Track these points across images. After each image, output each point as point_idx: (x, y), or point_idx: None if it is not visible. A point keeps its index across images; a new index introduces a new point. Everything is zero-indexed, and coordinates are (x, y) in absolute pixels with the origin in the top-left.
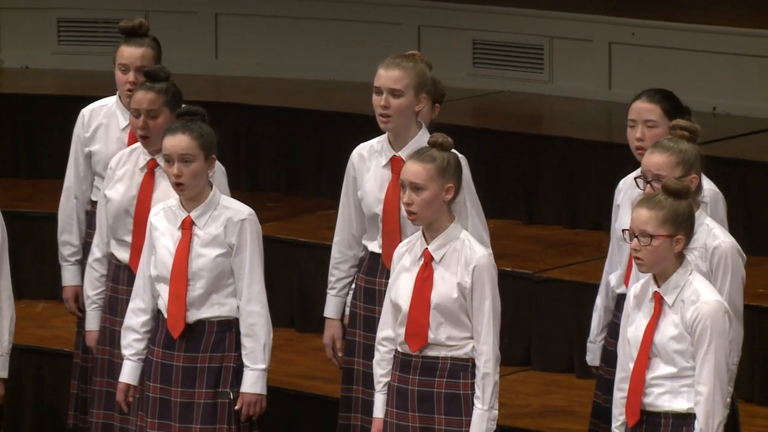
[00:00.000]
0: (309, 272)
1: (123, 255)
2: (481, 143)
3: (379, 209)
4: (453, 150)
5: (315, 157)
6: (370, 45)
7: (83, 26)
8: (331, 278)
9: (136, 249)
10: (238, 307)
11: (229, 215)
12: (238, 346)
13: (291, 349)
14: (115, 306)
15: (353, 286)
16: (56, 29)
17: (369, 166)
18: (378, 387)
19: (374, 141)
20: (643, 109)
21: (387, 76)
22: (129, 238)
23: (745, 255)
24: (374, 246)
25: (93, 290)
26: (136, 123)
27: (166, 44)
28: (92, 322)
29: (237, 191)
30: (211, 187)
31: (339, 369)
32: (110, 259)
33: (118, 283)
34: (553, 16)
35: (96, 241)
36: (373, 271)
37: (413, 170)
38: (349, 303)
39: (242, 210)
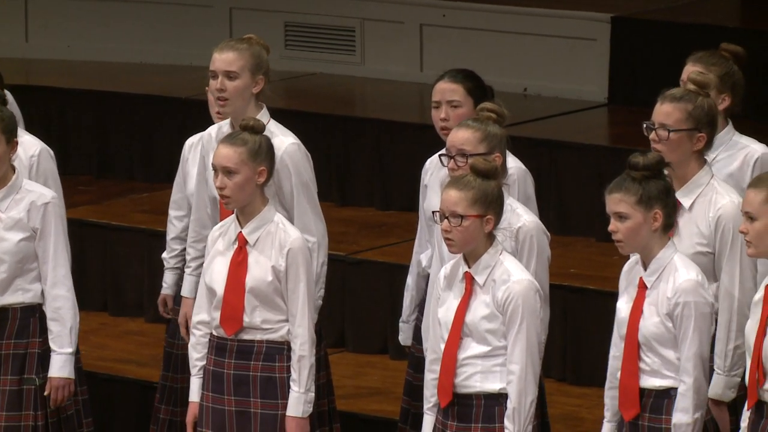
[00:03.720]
0: (122, 256)
1: None
2: (293, 126)
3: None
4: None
5: (127, 140)
6: (182, 28)
7: None
8: (186, 257)
9: None
10: (42, 292)
11: (32, 199)
12: (43, 330)
13: (104, 333)
14: None
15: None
16: None
17: (214, 147)
18: (194, 371)
19: (222, 123)
20: (447, 89)
21: (221, 59)
22: None
23: (549, 234)
24: None
25: None
26: None
27: None
28: None
29: None
30: (14, 171)
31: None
32: None
33: None
34: None
35: None
36: None
37: (224, 154)
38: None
39: (45, 193)
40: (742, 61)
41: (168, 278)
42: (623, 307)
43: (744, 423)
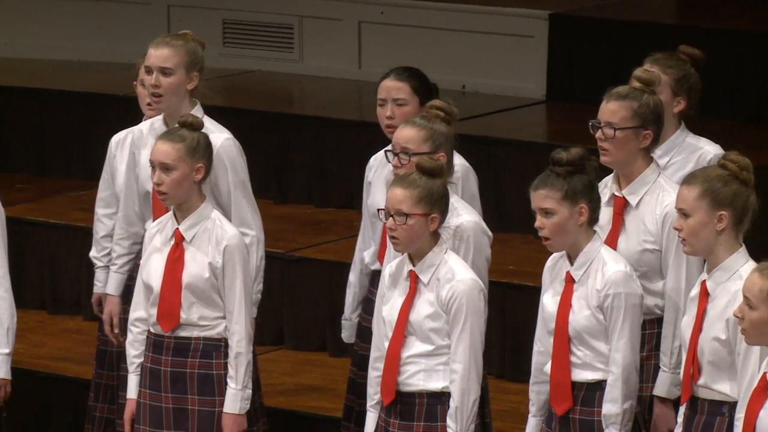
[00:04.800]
0: (60, 254)
1: None
2: (231, 123)
3: (150, 187)
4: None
5: (65, 137)
6: (119, 25)
7: None
8: (113, 254)
9: None
10: None
11: None
12: None
13: (42, 331)
14: None
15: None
16: None
17: (146, 143)
18: (131, 368)
19: (155, 119)
20: (392, 87)
21: (156, 55)
22: None
23: (490, 233)
24: (150, 224)
25: None
26: None
27: None
28: None
29: None
30: None
31: (119, 346)
32: None
33: None
34: None
35: None
36: None
37: (162, 150)
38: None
39: None
40: (699, 64)
41: (101, 277)
42: (549, 302)
43: (680, 418)
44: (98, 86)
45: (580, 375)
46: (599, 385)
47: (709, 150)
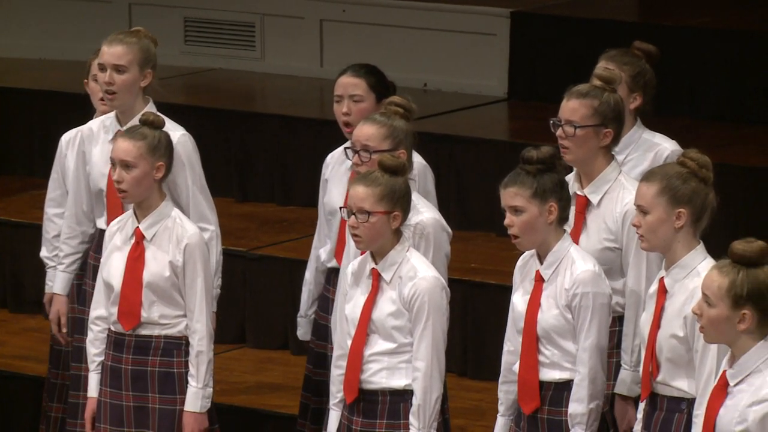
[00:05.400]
0: (21, 252)
1: None
2: (193, 121)
3: (103, 185)
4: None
5: (26, 136)
6: (80, 23)
7: None
8: (60, 253)
9: None
10: None
11: None
12: None
13: (3, 330)
14: None
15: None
16: None
17: (97, 141)
18: (92, 366)
19: (105, 117)
20: (349, 84)
21: (110, 52)
22: None
23: (450, 229)
24: (102, 223)
25: None
26: None
27: None
28: None
29: None
30: None
31: (66, 345)
32: None
33: None
34: None
35: None
36: (101, 248)
37: (123, 147)
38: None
39: None
40: (654, 60)
41: (52, 276)
42: (519, 301)
43: (639, 415)
44: (60, 84)
45: (548, 374)
46: (567, 385)
47: (666, 146)
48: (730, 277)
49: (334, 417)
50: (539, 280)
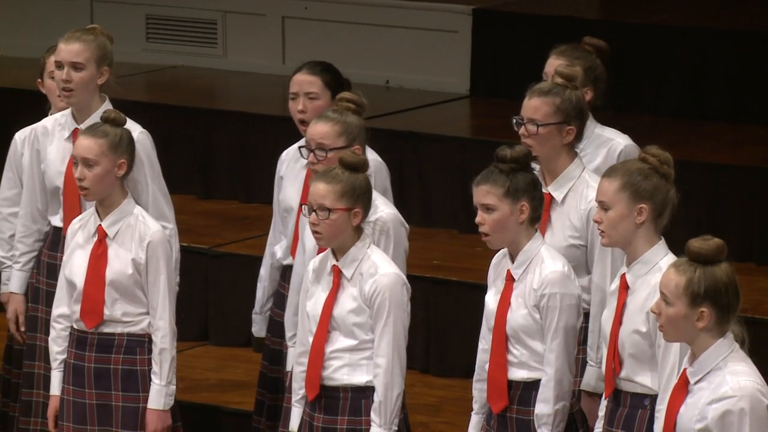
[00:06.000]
0: None
1: None
2: (155, 118)
3: (60, 182)
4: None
5: None
6: (42, 20)
7: None
8: (15, 252)
9: None
10: None
11: None
12: None
13: None
14: None
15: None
16: None
17: (53, 139)
18: (54, 364)
19: (59, 114)
20: (304, 81)
21: (67, 50)
22: None
23: (408, 226)
24: (56, 220)
25: None
26: None
27: None
28: None
29: None
30: None
31: (22, 344)
32: None
33: None
34: None
35: None
36: (56, 246)
37: (85, 145)
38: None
39: None
40: (604, 55)
41: (9, 276)
42: (491, 299)
43: (601, 412)
44: (20, 82)
45: (517, 374)
46: (535, 385)
47: (619, 141)
48: (687, 275)
49: (296, 413)
50: (510, 279)
